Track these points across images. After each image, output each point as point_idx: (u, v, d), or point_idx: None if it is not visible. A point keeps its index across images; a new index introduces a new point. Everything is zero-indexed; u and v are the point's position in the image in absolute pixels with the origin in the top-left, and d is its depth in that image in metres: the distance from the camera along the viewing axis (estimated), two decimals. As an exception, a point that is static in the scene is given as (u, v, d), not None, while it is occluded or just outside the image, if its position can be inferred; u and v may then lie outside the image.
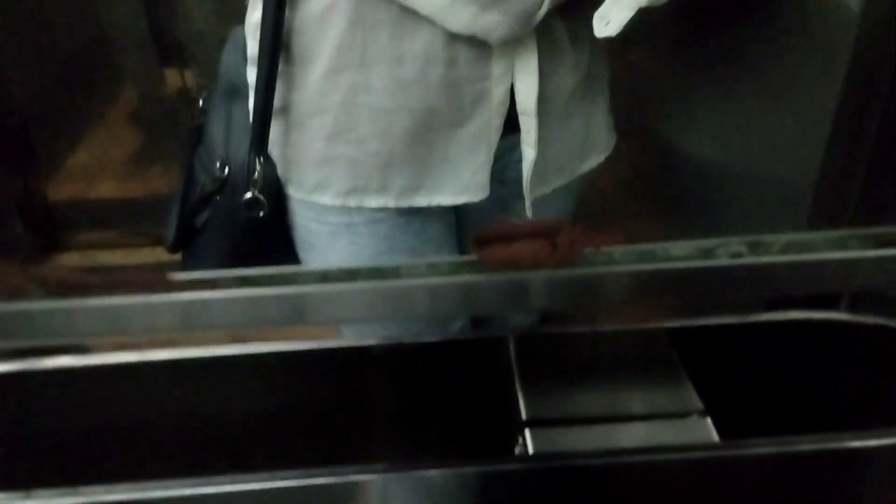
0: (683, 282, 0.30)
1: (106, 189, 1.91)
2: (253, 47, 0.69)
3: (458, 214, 0.79)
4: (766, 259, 0.29)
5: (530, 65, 0.66)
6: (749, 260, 0.29)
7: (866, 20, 0.62)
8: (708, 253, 0.29)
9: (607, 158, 0.80)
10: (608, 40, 0.75)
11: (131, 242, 1.86)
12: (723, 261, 0.29)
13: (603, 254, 0.29)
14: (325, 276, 0.26)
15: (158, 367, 0.34)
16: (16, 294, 0.26)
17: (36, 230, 1.83)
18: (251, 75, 0.70)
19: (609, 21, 0.58)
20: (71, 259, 1.84)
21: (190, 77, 2.01)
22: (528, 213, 0.74)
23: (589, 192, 0.84)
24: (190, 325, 0.27)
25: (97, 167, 1.93)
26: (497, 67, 0.66)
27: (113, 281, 0.26)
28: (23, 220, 1.77)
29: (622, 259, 0.29)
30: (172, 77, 2.05)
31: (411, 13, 0.62)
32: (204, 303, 0.27)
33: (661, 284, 0.30)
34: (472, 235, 0.31)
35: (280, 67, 0.68)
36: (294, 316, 0.26)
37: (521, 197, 0.73)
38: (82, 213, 1.88)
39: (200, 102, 0.84)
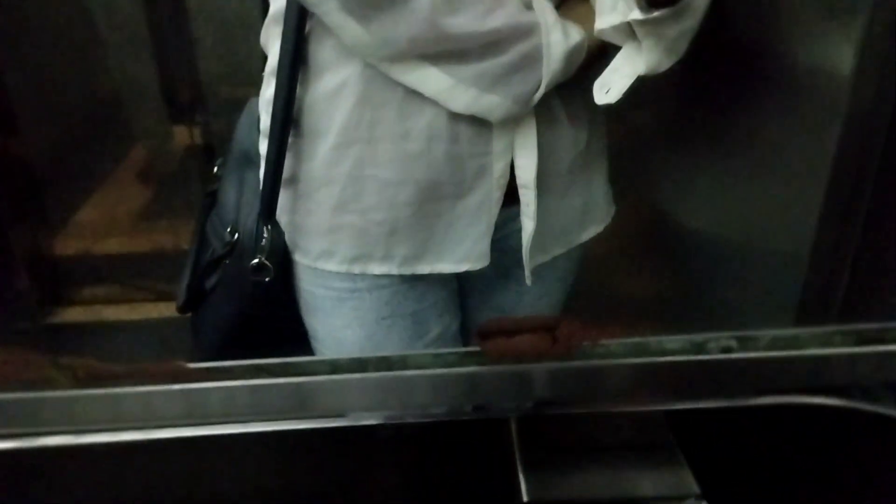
0: (677, 375, 0.31)
1: (112, 244, 1.94)
2: (266, 121, 0.72)
3: (460, 281, 0.81)
4: (754, 354, 0.30)
5: (530, 141, 0.69)
6: (738, 355, 0.30)
7: (858, 88, 0.64)
8: (700, 347, 0.31)
9: (606, 228, 0.82)
10: (606, 112, 0.79)
11: (135, 297, 1.88)
12: (714, 355, 0.31)
13: (601, 346, 0.31)
14: (334, 367, 0.27)
15: (156, 445, 0.34)
16: (43, 383, 0.28)
17: (41, 284, 1.84)
18: (263, 147, 0.73)
19: (609, 89, 0.61)
20: (75, 313, 1.85)
21: (198, 134, 2.05)
22: (528, 281, 0.75)
23: (587, 259, 0.85)
24: (204, 415, 0.28)
25: (104, 222, 1.96)
26: (498, 143, 0.69)
27: (137, 371, 0.28)
28: (29, 274, 1.79)
29: (618, 352, 0.31)
30: (181, 134, 2.10)
31: (416, 93, 0.65)
32: (216, 392, 0.28)
33: (655, 377, 0.31)
34: (476, 329, 0.33)
35: (290, 140, 0.71)
36: (302, 405, 0.27)
37: (521, 265, 0.75)
38: (88, 267, 1.90)
39: (215, 169, 0.88)
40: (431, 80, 0.64)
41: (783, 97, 0.73)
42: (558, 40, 0.64)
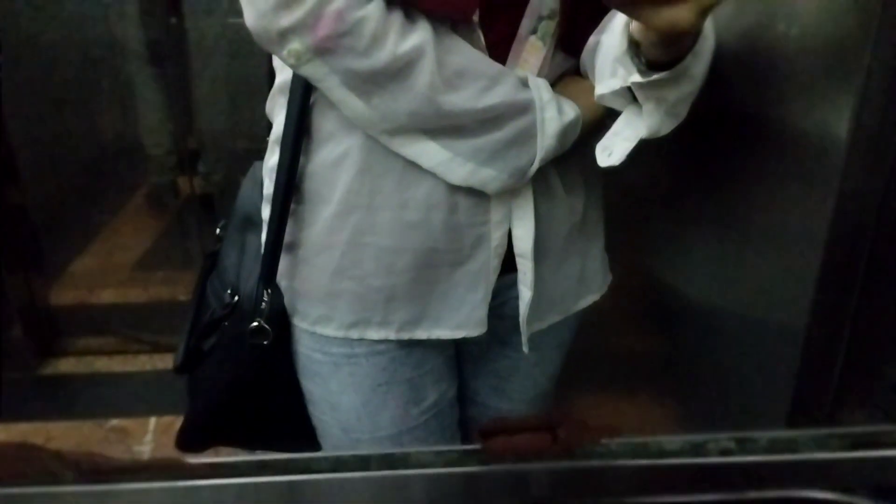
0: (676, 477, 0.31)
1: (108, 295, 1.93)
2: (269, 187, 0.74)
3: (457, 346, 0.81)
4: (752, 458, 0.31)
5: (527, 211, 0.70)
6: (737, 458, 0.31)
7: (853, 153, 0.65)
8: (699, 448, 0.31)
9: (602, 296, 0.82)
10: (604, 178, 0.80)
11: (129, 349, 1.86)
12: (713, 458, 0.31)
13: (601, 446, 0.31)
14: (336, 464, 0.28)
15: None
16: (47, 477, 0.28)
17: (36, 334, 1.83)
18: (266, 212, 0.74)
19: (611, 152, 0.62)
20: (69, 364, 1.84)
21: (199, 185, 2.08)
22: (525, 348, 0.76)
23: (584, 321, 0.85)
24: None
25: (101, 272, 1.96)
26: (496, 213, 0.70)
27: (139, 466, 0.28)
28: (23, 324, 1.78)
29: (619, 452, 0.31)
30: (183, 184, 2.12)
31: (415, 164, 0.66)
32: (218, 489, 0.28)
33: (655, 478, 0.31)
34: (477, 428, 0.33)
35: (292, 206, 0.72)
36: (305, 502, 0.27)
37: (518, 331, 0.76)
38: (83, 318, 1.90)
39: (217, 230, 0.88)
40: (430, 153, 0.65)
41: (778, 162, 0.74)
42: (553, 117, 0.65)
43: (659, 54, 0.52)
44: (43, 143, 1.82)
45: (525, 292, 0.73)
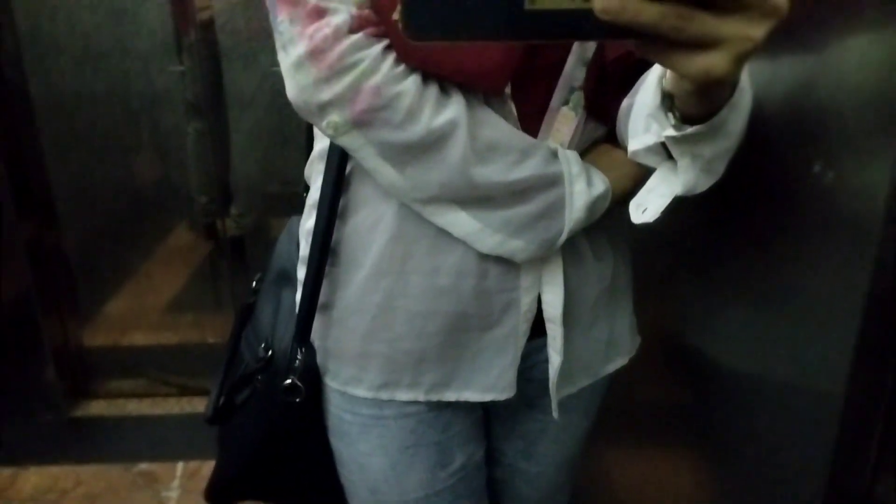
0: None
1: (139, 337, 1.98)
2: (305, 249, 0.77)
3: (485, 409, 0.82)
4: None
5: (556, 278, 0.72)
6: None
7: (891, 217, 0.63)
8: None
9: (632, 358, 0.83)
10: (630, 248, 0.82)
11: (159, 392, 1.90)
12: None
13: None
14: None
15: None
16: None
17: (68, 376, 1.88)
18: (301, 272, 0.77)
19: (646, 208, 0.60)
20: (99, 407, 1.88)
21: (231, 226, 2.14)
22: (555, 413, 0.77)
23: (614, 384, 0.86)
24: None
25: (132, 314, 2.01)
26: (525, 279, 0.72)
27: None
28: (56, 366, 1.83)
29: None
30: (212, 228, 2.18)
31: (447, 231, 0.69)
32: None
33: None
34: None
35: (326, 268, 0.75)
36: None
37: (547, 395, 0.77)
38: (114, 360, 1.95)
39: (254, 283, 0.91)
40: (460, 223, 0.68)
41: (814, 226, 0.73)
42: (581, 190, 0.68)
43: (694, 107, 0.50)
44: (82, 190, 1.91)
45: (555, 357, 0.75)
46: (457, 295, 0.72)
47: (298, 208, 0.83)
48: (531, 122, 0.69)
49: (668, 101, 0.51)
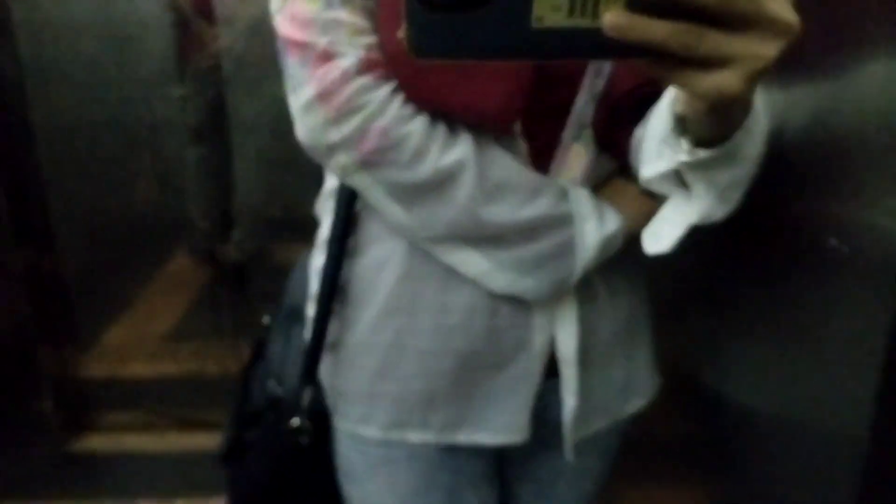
0: None
1: (138, 367, 1.98)
2: (314, 287, 0.77)
3: (499, 451, 0.82)
4: None
5: (570, 317, 0.72)
6: None
7: None
8: None
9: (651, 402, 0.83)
10: (647, 287, 0.81)
11: (158, 424, 1.90)
12: None
13: None
14: None
15: None
16: None
17: (65, 408, 1.87)
18: (311, 310, 0.78)
19: (660, 238, 0.60)
20: (97, 440, 1.87)
21: (233, 253, 2.14)
22: (569, 456, 0.77)
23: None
24: None
25: (131, 344, 2.01)
26: (538, 318, 0.72)
27: None
28: (54, 398, 1.82)
29: None
30: (218, 252, 2.19)
31: (457, 270, 0.69)
32: None
33: None
34: None
35: (336, 307, 0.76)
36: None
37: (562, 437, 0.76)
38: (112, 391, 1.94)
39: (266, 320, 0.92)
40: (471, 262, 0.68)
41: (834, 260, 0.72)
42: (592, 229, 0.68)
43: (707, 130, 0.49)
44: (81, 216, 1.92)
45: (569, 399, 0.74)
46: (467, 333, 0.72)
47: (300, 234, 0.83)
48: (542, 159, 0.70)
49: (680, 125, 0.51)
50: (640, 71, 0.63)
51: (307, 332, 0.79)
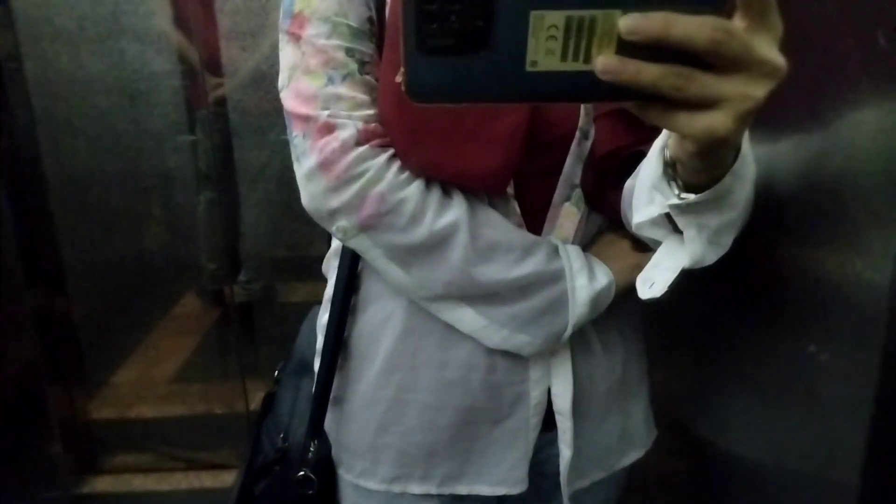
0: None
1: (145, 409, 2.00)
2: (320, 342, 0.80)
3: (500, 500, 0.84)
4: None
5: (565, 370, 0.75)
6: None
7: None
8: None
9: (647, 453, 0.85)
10: (643, 339, 0.84)
11: (166, 466, 1.91)
12: None
13: None
14: None
15: None
16: None
17: (74, 451, 1.89)
18: (317, 365, 0.81)
19: (653, 283, 0.61)
20: (105, 483, 1.89)
21: (239, 293, 2.18)
22: (566, 506, 0.78)
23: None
24: None
25: (139, 386, 2.04)
26: (534, 372, 0.75)
27: None
28: (63, 440, 1.85)
29: None
30: (225, 293, 2.22)
31: (455, 327, 0.72)
32: None
33: None
34: None
35: (340, 362, 0.79)
36: None
37: (560, 489, 0.78)
38: (120, 433, 1.96)
39: (276, 373, 0.95)
40: (466, 319, 0.71)
41: (825, 308, 0.73)
42: (583, 285, 0.71)
43: (697, 173, 0.50)
44: (91, 261, 1.96)
45: (565, 451, 0.77)
46: (466, 388, 0.75)
47: (304, 273, 0.86)
48: (535, 219, 0.73)
49: (670, 170, 0.52)
50: (621, 133, 0.68)
51: (314, 387, 0.81)
